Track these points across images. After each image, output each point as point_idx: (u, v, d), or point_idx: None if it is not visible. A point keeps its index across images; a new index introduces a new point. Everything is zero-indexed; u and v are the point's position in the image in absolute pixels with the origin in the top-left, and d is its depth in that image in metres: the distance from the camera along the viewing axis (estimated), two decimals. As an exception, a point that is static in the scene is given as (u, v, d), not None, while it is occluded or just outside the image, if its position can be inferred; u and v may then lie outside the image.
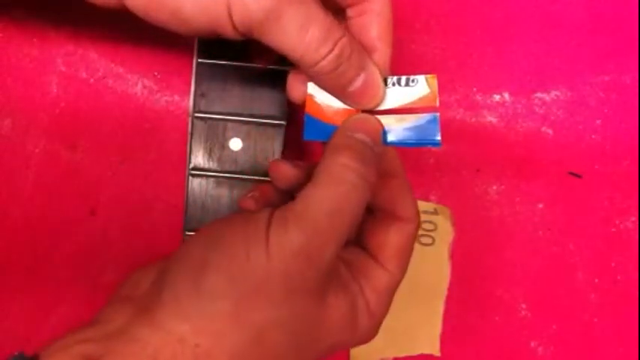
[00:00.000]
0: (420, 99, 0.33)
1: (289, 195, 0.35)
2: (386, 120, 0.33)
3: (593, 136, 0.46)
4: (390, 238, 0.34)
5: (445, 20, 0.45)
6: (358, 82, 0.32)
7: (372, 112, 0.34)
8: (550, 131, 0.46)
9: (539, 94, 0.45)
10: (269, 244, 0.29)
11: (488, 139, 0.46)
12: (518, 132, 0.46)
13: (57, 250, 0.46)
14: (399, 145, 0.33)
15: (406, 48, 0.45)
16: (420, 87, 0.33)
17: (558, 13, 0.45)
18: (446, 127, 0.45)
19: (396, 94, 0.34)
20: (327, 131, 0.33)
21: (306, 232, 0.29)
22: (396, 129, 0.33)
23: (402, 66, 0.45)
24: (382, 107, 0.34)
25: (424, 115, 0.33)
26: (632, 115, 0.45)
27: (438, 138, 0.32)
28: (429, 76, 0.33)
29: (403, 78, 0.33)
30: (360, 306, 0.32)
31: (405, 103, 0.33)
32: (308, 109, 0.34)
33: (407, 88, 0.33)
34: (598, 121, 0.46)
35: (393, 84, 0.34)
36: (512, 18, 0.45)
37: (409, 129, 0.33)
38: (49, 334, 0.46)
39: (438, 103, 0.33)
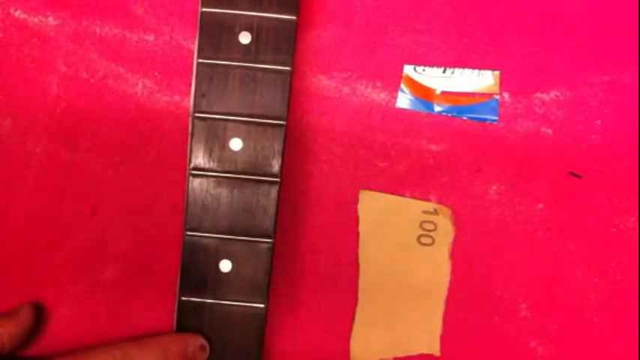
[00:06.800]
0: (486, 87, 0.45)
1: None
2: (460, 98, 0.45)
3: (593, 136, 0.46)
4: None
5: (445, 20, 0.45)
6: None
7: (447, 93, 0.45)
8: (550, 131, 0.46)
9: (539, 94, 0.45)
10: None
11: (489, 139, 0.46)
12: (518, 132, 0.46)
13: (57, 250, 0.46)
14: (468, 116, 0.45)
15: (407, 48, 0.45)
16: (487, 79, 0.45)
17: (558, 13, 0.45)
18: (446, 127, 0.45)
19: (468, 81, 0.45)
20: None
21: None
22: (467, 105, 0.45)
23: (403, 66, 0.45)
24: (457, 90, 0.45)
25: (488, 98, 0.45)
26: (632, 115, 0.45)
27: (496, 117, 0.45)
28: (494, 72, 0.45)
29: (476, 71, 0.44)
30: None
31: (474, 89, 0.45)
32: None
33: (477, 78, 0.44)
34: (598, 121, 0.46)
35: (461, 74, 0.44)
36: (512, 18, 0.45)
37: (476, 105, 0.45)
38: (49, 334, 0.46)
39: (498, 92, 0.45)
